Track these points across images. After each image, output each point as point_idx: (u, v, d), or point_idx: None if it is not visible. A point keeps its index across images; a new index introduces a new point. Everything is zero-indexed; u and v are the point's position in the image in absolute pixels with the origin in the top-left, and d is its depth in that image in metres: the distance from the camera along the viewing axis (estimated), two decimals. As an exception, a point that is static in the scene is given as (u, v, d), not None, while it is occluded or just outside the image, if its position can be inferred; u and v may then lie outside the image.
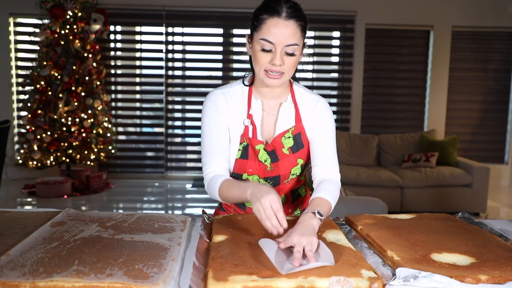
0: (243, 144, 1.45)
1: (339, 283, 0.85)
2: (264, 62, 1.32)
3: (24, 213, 1.43)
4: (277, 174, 1.48)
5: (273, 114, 1.47)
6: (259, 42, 1.31)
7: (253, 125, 1.45)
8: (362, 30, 5.82)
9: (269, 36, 1.29)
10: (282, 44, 1.30)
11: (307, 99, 1.49)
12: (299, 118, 1.47)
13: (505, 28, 5.93)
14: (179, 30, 5.91)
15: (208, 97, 1.47)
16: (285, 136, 1.45)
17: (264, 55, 1.32)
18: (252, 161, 1.46)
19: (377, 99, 6.06)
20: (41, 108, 5.02)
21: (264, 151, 1.45)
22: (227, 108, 1.45)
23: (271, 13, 1.29)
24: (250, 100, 1.46)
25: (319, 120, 1.47)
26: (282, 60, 1.31)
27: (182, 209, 5.00)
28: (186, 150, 6.23)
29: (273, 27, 1.29)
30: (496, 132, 6.18)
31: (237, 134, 1.46)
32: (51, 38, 5.09)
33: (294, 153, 1.47)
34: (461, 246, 1.20)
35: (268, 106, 1.47)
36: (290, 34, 1.29)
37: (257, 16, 1.33)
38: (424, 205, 4.69)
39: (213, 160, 1.42)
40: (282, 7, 1.29)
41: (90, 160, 5.20)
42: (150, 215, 1.43)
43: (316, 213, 1.22)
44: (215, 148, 1.43)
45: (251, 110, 1.46)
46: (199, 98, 6.03)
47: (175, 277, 1.00)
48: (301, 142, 1.47)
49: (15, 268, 1.00)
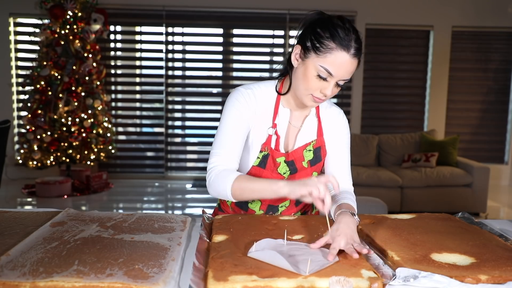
0: (263, 152, 1.40)
1: (339, 283, 0.84)
2: (315, 88, 1.27)
3: (24, 213, 1.43)
4: None
5: (297, 125, 1.45)
6: (317, 67, 1.24)
7: (277, 135, 1.41)
8: (362, 30, 5.82)
9: (332, 68, 1.23)
10: (342, 78, 1.26)
11: (329, 112, 1.48)
12: (320, 132, 1.46)
13: (505, 28, 5.93)
14: (179, 30, 5.91)
15: (236, 91, 1.39)
16: (306, 149, 1.44)
17: (318, 81, 1.26)
18: (269, 172, 1.42)
19: (377, 99, 6.06)
20: (41, 108, 5.03)
21: (284, 164, 1.42)
22: (255, 109, 1.39)
23: (341, 46, 1.22)
24: (277, 107, 1.41)
25: (337, 132, 1.47)
26: (333, 91, 1.28)
27: (182, 209, 5.00)
28: (186, 150, 6.23)
29: (339, 61, 1.23)
30: (496, 132, 6.18)
31: (258, 140, 1.41)
32: (51, 38, 5.09)
33: (312, 166, 1.46)
34: (461, 246, 1.20)
35: (293, 116, 1.44)
36: (351, 71, 1.26)
37: (323, 40, 1.24)
38: (424, 205, 4.69)
39: (225, 152, 1.34)
40: (352, 43, 1.24)
41: (90, 160, 5.20)
42: (150, 215, 1.43)
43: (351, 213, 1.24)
44: (231, 142, 1.34)
45: (277, 119, 1.41)
46: (199, 98, 6.03)
47: (175, 277, 1.00)
48: (320, 156, 1.46)
49: (15, 268, 0.99)
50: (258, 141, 1.41)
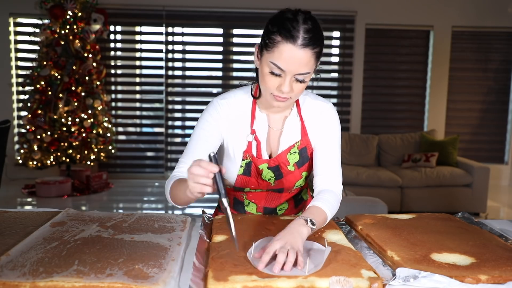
0: (245, 160, 1.38)
1: (339, 283, 0.85)
2: (271, 86, 1.22)
3: (24, 213, 1.43)
4: (281, 187, 1.45)
5: (278, 128, 1.40)
6: (269, 64, 1.20)
7: (257, 141, 1.38)
8: (362, 30, 5.82)
9: (280, 62, 1.18)
10: (293, 72, 1.19)
11: (312, 108, 1.41)
12: (304, 132, 1.40)
13: (505, 28, 5.93)
14: (179, 30, 5.91)
15: (210, 105, 1.38)
16: (290, 152, 1.39)
17: (273, 78, 1.21)
18: (254, 179, 1.41)
19: (377, 99, 6.06)
20: (41, 108, 5.03)
21: (268, 170, 1.39)
22: (229, 120, 1.37)
23: (285, 38, 1.16)
24: (254, 112, 1.38)
25: (324, 128, 1.40)
26: (291, 86, 1.21)
27: (182, 209, 5.00)
28: (186, 150, 6.22)
29: (286, 54, 1.17)
30: (496, 132, 6.18)
31: (239, 149, 1.38)
32: (51, 38, 5.09)
33: (299, 168, 1.41)
34: (461, 246, 1.20)
35: (272, 119, 1.40)
36: (304, 64, 1.18)
37: (270, 35, 1.19)
38: (424, 205, 4.69)
39: (187, 162, 1.31)
40: (299, 32, 1.16)
41: (90, 160, 5.20)
42: (150, 215, 1.43)
43: (308, 221, 1.16)
44: (195, 152, 1.33)
45: (255, 124, 1.38)
46: (199, 98, 6.03)
47: (175, 277, 1.00)
48: (307, 156, 1.41)
49: (15, 268, 1.00)
50: (239, 149, 1.38)
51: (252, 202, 1.48)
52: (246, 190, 1.45)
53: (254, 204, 1.48)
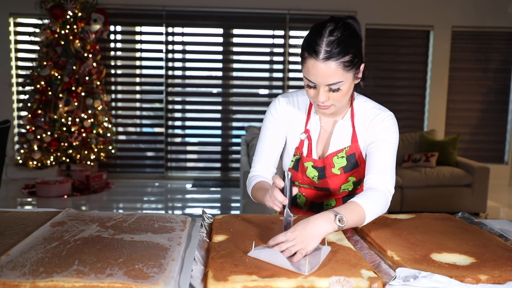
0: (296, 156, 1.48)
1: (339, 283, 0.85)
2: (311, 96, 1.32)
3: (24, 213, 1.43)
4: (327, 187, 1.49)
5: (328, 130, 1.47)
6: (304, 78, 1.30)
7: (309, 140, 1.46)
8: (362, 30, 5.81)
9: (309, 76, 1.26)
10: (324, 83, 1.26)
11: (366, 114, 1.45)
12: (355, 138, 1.43)
13: (505, 28, 5.93)
14: (179, 30, 5.91)
15: (274, 102, 1.50)
16: (338, 155, 1.44)
17: (310, 90, 1.30)
18: (301, 175, 1.49)
19: (377, 99, 5.98)
20: (41, 108, 5.03)
21: (312, 168, 1.46)
22: (289, 118, 1.48)
23: (309, 53, 1.24)
24: (309, 113, 1.47)
25: (377, 131, 1.40)
26: (327, 96, 1.28)
27: (182, 209, 5.00)
28: (186, 150, 6.23)
29: (312, 69, 1.25)
30: (496, 132, 6.18)
31: (293, 145, 1.49)
32: (51, 38, 5.09)
33: (346, 173, 1.45)
34: (461, 246, 1.20)
35: (324, 122, 1.47)
36: (330, 75, 1.24)
37: (301, 50, 1.29)
38: (424, 205, 4.69)
39: (260, 161, 1.51)
40: (320, 47, 1.22)
41: (90, 160, 5.20)
42: (150, 215, 1.43)
43: (337, 218, 1.13)
44: (265, 152, 1.50)
45: (309, 124, 1.47)
46: (199, 98, 6.03)
47: (175, 277, 1.00)
48: (355, 162, 1.44)
49: (15, 268, 1.00)
50: (292, 145, 1.50)
51: (303, 195, 1.56)
52: (297, 183, 1.54)
53: (305, 197, 1.56)
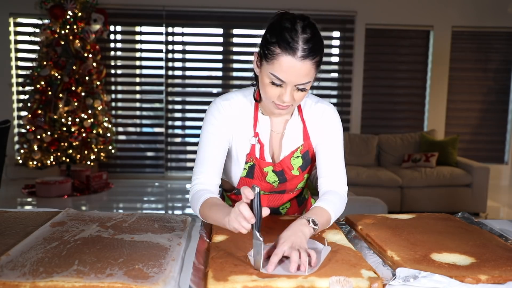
0: (249, 163, 1.37)
1: (339, 283, 0.85)
2: (272, 95, 1.22)
3: (24, 213, 1.43)
4: (283, 189, 1.46)
5: (279, 132, 1.39)
6: (269, 75, 1.19)
7: (260, 144, 1.37)
8: (362, 30, 5.82)
9: (281, 74, 1.17)
10: (294, 83, 1.18)
11: (314, 111, 1.39)
12: (307, 136, 1.39)
13: (505, 28, 5.93)
14: (179, 30, 5.91)
15: (212, 105, 1.36)
16: (293, 156, 1.38)
17: (273, 88, 1.20)
18: (258, 181, 1.40)
19: (377, 99, 6.06)
20: (41, 108, 5.02)
21: (273, 173, 1.39)
22: (233, 121, 1.36)
23: (285, 50, 1.15)
24: (256, 114, 1.36)
25: (325, 129, 1.38)
26: (292, 96, 1.21)
27: (182, 209, 5.00)
28: (186, 150, 6.23)
29: (286, 66, 1.15)
30: (496, 132, 6.18)
31: (242, 152, 1.37)
32: (51, 38, 5.09)
33: (303, 171, 1.42)
34: (461, 246, 1.20)
35: (274, 123, 1.39)
36: (304, 74, 1.17)
37: (269, 46, 1.18)
38: (424, 205, 4.69)
39: (204, 171, 1.32)
40: (298, 44, 1.14)
41: (90, 160, 5.20)
42: (150, 215, 1.43)
43: (310, 221, 1.15)
44: (209, 159, 1.33)
45: (258, 127, 1.37)
46: (199, 98, 6.03)
47: (175, 277, 1.00)
48: (309, 159, 1.41)
49: (15, 268, 1.00)
50: (242, 152, 1.38)
51: None
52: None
53: None
